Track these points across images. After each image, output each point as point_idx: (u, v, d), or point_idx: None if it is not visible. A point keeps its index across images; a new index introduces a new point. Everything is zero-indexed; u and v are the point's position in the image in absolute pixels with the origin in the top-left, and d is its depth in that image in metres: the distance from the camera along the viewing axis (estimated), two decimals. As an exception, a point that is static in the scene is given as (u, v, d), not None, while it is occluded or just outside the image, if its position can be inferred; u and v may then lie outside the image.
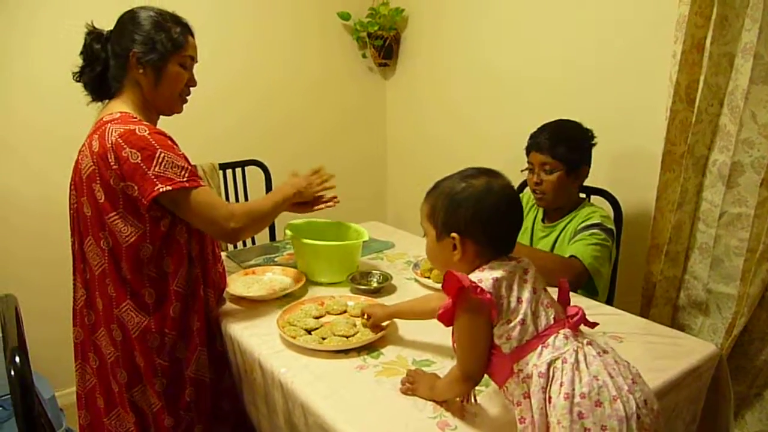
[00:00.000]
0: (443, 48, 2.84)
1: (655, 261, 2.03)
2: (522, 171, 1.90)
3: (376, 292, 1.66)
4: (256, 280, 1.71)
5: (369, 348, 1.34)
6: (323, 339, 1.36)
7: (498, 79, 2.59)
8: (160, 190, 1.31)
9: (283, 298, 1.60)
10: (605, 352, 0.99)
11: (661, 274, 2.02)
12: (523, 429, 0.97)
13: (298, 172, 1.67)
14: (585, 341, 1.00)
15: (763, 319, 1.78)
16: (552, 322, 1.00)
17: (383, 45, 2.98)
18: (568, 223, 1.84)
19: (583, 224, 1.77)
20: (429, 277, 1.72)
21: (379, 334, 1.36)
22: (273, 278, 1.74)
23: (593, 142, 1.82)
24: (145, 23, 1.39)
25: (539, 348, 0.97)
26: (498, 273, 1.01)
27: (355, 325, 1.41)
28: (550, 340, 0.98)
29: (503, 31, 2.52)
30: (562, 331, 0.99)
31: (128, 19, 1.41)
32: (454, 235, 1.05)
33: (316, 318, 1.47)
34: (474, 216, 1.04)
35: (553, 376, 0.95)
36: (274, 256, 1.97)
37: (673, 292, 2.03)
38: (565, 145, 1.77)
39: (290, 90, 2.90)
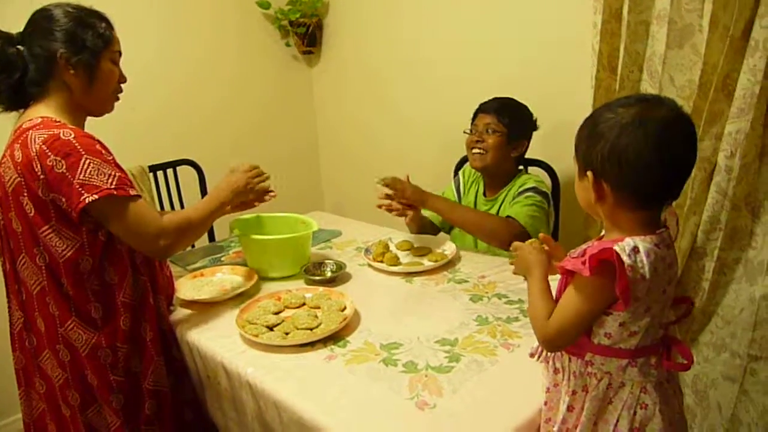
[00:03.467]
0: (368, 33, 2.83)
1: (591, 225, 2.12)
2: (464, 132, 1.93)
3: (331, 282, 1.64)
4: (205, 282, 1.65)
5: (334, 338, 1.32)
6: (286, 334, 1.33)
7: (425, 62, 2.60)
8: (86, 200, 1.22)
9: (237, 298, 1.56)
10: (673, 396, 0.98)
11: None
12: (565, 416, 0.98)
13: (236, 167, 1.60)
14: (666, 378, 0.97)
15: (694, 270, 1.90)
16: (657, 338, 0.95)
17: (306, 32, 2.92)
18: (507, 193, 1.90)
19: (519, 189, 1.83)
20: (382, 261, 1.72)
21: (342, 323, 1.34)
22: (223, 278, 1.68)
23: (536, 126, 1.92)
24: (65, 21, 1.29)
25: (626, 362, 0.94)
26: (654, 250, 0.88)
27: (316, 317, 1.40)
28: (641, 361, 0.94)
29: (426, 13, 2.53)
30: (654, 358, 0.95)
31: (43, 18, 1.30)
32: (588, 173, 0.91)
33: (276, 314, 1.44)
34: (610, 153, 0.87)
35: (613, 399, 0.95)
36: (219, 255, 1.90)
37: (610, 252, 2.13)
38: (511, 115, 1.86)
39: (214, 83, 2.79)
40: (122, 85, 1.43)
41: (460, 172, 2.10)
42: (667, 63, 1.80)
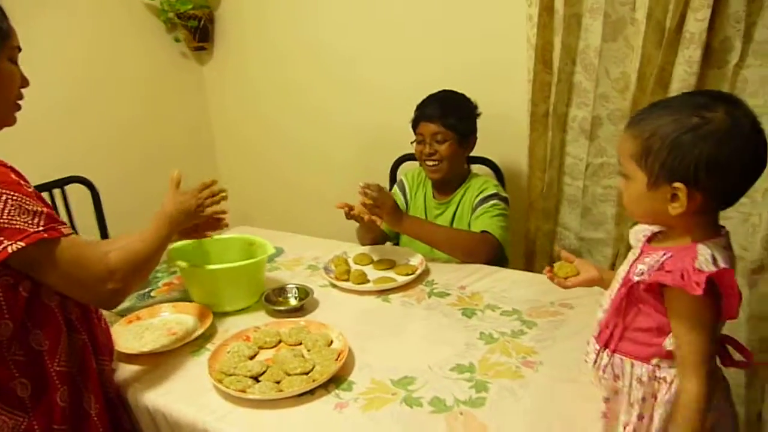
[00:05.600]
0: (269, 25, 2.58)
1: (531, 218, 2.12)
2: (412, 143, 1.81)
3: (298, 310, 1.44)
4: (146, 327, 1.37)
5: (335, 380, 1.14)
6: (277, 383, 1.12)
7: (339, 56, 2.43)
8: (8, 249, 0.94)
9: (194, 342, 1.31)
10: None
11: (539, 230, 2.12)
12: (636, 426, 0.91)
13: (178, 178, 1.33)
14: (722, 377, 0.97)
15: None
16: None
17: (198, 26, 2.61)
18: (463, 196, 1.81)
19: (480, 196, 1.75)
20: (347, 280, 1.55)
21: (340, 361, 1.16)
22: (167, 319, 1.40)
23: (478, 112, 1.81)
24: None
25: None
26: (726, 254, 0.86)
27: (303, 356, 1.20)
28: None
29: (341, 3, 2.36)
30: (716, 358, 0.93)
31: None
32: (678, 185, 0.83)
33: (251, 358, 1.22)
34: (713, 162, 0.81)
35: None
36: (148, 290, 1.59)
37: (549, 245, 2.15)
38: (455, 115, 1.74)
39: (87, 83, 2.38)
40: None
41: (403, 176, 1.98)
42: (603, 56, 1.82)
